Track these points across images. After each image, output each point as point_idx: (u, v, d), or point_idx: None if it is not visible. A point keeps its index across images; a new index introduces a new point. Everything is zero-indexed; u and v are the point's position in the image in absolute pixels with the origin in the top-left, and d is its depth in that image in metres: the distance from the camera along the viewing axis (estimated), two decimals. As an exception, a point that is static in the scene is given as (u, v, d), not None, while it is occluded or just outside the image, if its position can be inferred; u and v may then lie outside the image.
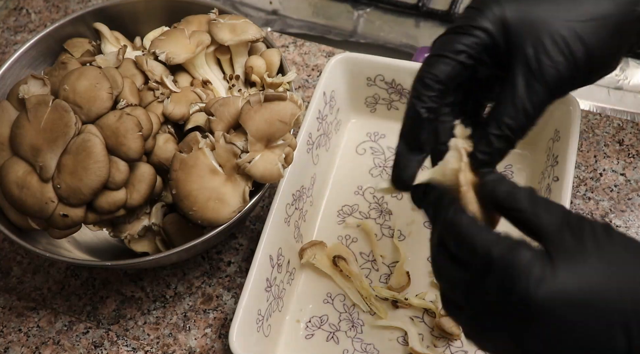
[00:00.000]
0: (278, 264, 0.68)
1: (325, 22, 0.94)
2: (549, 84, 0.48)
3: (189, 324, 0.71)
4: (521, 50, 0.49)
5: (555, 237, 0.43)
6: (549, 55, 0.48)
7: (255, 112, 0.62)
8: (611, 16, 0.50)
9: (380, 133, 0.81)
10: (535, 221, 0.44)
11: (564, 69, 0.49)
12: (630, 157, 0.77)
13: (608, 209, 0.74)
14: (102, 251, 0.73)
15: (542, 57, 0.48)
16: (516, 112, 0.49)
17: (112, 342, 0.71)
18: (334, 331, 0.69)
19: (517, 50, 0.49)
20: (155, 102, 0.66)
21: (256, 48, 0.73)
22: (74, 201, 0.60)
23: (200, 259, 0.75)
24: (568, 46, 0.48)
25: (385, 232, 0.75)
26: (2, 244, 0.79)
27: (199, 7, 0.74)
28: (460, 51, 0.49)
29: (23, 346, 0.72)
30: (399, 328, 0.68)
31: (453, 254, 0.46)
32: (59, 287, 0.75)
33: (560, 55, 0.48)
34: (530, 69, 0.48)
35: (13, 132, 0.62)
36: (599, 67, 0.52)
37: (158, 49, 0.68)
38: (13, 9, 0.98)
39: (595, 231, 0.43)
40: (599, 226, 0.43)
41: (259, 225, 0.76)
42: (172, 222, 0.67)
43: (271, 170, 0.62)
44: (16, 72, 0.73)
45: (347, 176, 0.79)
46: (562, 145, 0.70)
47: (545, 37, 0.49)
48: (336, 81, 0.77)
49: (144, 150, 0.62)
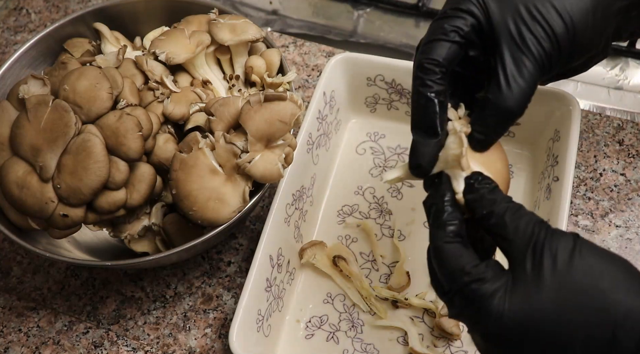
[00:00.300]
0: (278, 264, 0.68)
1: (325, 22, 0.94)
2: (535, 57, 0.49)
3: (189, 324, 0.71)
4: (504, 28, 0.50)
5: (518, 264, 0.45)
6: (529, 30, 0.49)
7: (255, 112, 0.62)
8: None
9: (380, 133, 0.81)
10: (504, 245, 0.46)
11: (546, 43, 0.49)
12: (630, 157, 0.77)
13: (608, 209, 0.74)
14: (102, 251, 0.73)
15: (525, 33, 0.49)
16: (508, 88, 0.49)
17: (112, 342, 0.71)
18: (334, 331, 0.69)
19: (500, 29, 0.50)
20: (155, 102, 0.66)
21: (256, 48, 0.73)
22: (74, 201, 0.60)
23: (200, 259, 0.75)
24: (547, 21, 0.49)
25: (385, 232, 0.75)
26: (2, 244, 0.79)
27: (199, 7, 0.74)
28: (452, 31, 0.51)
29: (23, 346, 0.72)
30: (399, 328, 0.68)
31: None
32: (59, 287, 0.75)
33: (541, 29, 0.49)
34: (516, 44, 0.49)
35: (13, 132, 0.62)
36: (584, 45, 0.52)
37: (158, 49, 0.68)
38: (13, 9, 0.98)
39: (557, 256, 0.44)
40: (562, 249, 0.44)
41: (259, 225, 0.77)
42: (172, 222, 0.67)
43: (271, 170, 0.62)
44: (16, 72, 0.73)
45: (347, 176, 0.79)
46: (562, 145, 0.70)
47: (524, 14, 0.50)
48: (336, 81, 0.77)
49: (144, 150, 0.62)
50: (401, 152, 0.79)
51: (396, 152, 0.79)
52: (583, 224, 0.73)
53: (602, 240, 0.72)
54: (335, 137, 0.79)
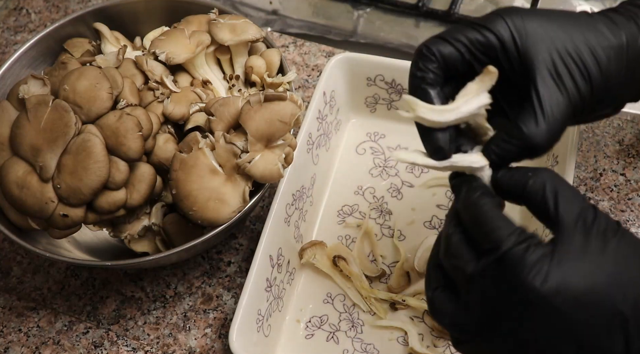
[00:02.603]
0: (278, 264, 0.68)
1: (325, 22, 0.94)
2: (569, 95, 0.48)
3: (189, 324, 0.71)
4: (541, 60, 0.49)
5: (567, 234, 0.43)
6: (566, 67, 0.48)
7: (255, 112, 0.62)
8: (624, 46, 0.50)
9: (380, 133, 0.81)
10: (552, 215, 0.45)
11: (581, 83, 0.49)
12: (630, 157, 0.77)
13: (608, 209, 0.74)
14: (102, 251, 0.73)
15: (561, 68, 0.48)
16: (544, 123, 0.48)
17: (112, 342, 0.71)
18: (334, 331, 0.69)
19: (535, 59, 0.49)
20: (155, 102, 0.66)
21: (256, 48, 0.73)
22: (74, 201, 0.60)
23: (200, 259, 0.75)
24: (583, 61, 0.49)
25: (385, 232, 0.75)
26: (2, 244, 0.79)
27: (199, 7, 0.74)
28: (461, 41, 0.50)
29: (23, 346, 0.72)
30: (399, 328, 0.68)
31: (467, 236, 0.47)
32: (59, 287, 0.75)
33: (576, 68, 0.49)
34: (552, 78, 0.48)
35: (13, 132, 0.62)
36: (614, 92, 0.52)
37: (158, 49, 0.68)
38: (13, 9, 0.98)
39: (607, 231, 0.43)
40: (612, 226, 0.44)
41: (259, 225, 0.77)
42: (172, 222, 0.67)
43: (271, 170, 0.62)
44: (16, 72, 0.73)
45: (347, 176, 0.79)
46: (562, 145, 0.70)
47: (561, 49, 0.49)
48: (336, 81, 0.77)
49: (144, 150, 0.62)
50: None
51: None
52: (583, 224, 0.73)
53: (602, 240, 0.72)
54: (335, 137, 0.79)
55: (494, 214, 0.45)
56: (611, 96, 0.52)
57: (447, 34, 0.51)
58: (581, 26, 0.50)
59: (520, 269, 0.42)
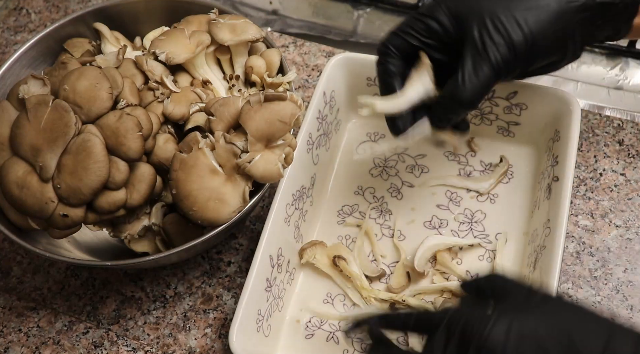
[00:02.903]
0: (278, 264, 0.68)
1: (325, 22, 0.94)
2: (492, 63, 0.58)
3: (189, 324, 0.71)
4: (469, 35, 0.59)
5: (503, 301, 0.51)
6: (491, 38, 0.58)
7: (255, 112, 0.62)
8: (549, 5, 0.59)
9: (380, 133, 0.81)
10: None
11: (504, 50, 0.58)
12: (630, 157, 0.77)
13: (608, 209, 0.74)
14: (102, 251, 0.73)
15: (486, 40, 0.58)
16: (464, 84, 0.59)
17: (112, 342, 0.71)
18: (334, 331, 0.69)
19: (466, 36, 0.59)
20: (155, 102, 0.66)
21: (256, 48, 0.73)
22: (74, 201, 0.60)
23: (200, 259, 0.75)
24: (506, 30, 0.58)
25: (385, 232, 0.75)
26: (2, 244, 0.79)
27: (199, 7, 0.74)
28: (409, 32, 0.62)
29: (23, 346, 0.72)
30: (399, 328, 0.68)
31: None
32: (59, 287, 0.75)
33: (500, 37, 0.58)
34: (477, 50, 0.58)
35: (13, 132, 0.62)
36: (543, 52, 0.60)
37: (158, 49, 0.68)
38: (13, 9, 0.98)
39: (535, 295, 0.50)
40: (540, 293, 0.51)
41: (259, 225, 0.77)
42: (172, 222, 0.67)
43: (271, 170, 0.62)
44: (16, 72, 0.73)
45: (347, 176, 0.79)
46: (562, 145, 0.70)
47: (489, 24, 0.58)
48: (336, 81, 0.77)
49: (144, 150, 0.62)
50: (401, 152, 0.79)
51: (396, 152, 0.79)
52: (583, 224, 0.73)
53: (602, 240, 0.72)
54: (335, 137, 0.79)
55: None
56: (538, 54, 0.60)
57: (397, 28, 0.62)
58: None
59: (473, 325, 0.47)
